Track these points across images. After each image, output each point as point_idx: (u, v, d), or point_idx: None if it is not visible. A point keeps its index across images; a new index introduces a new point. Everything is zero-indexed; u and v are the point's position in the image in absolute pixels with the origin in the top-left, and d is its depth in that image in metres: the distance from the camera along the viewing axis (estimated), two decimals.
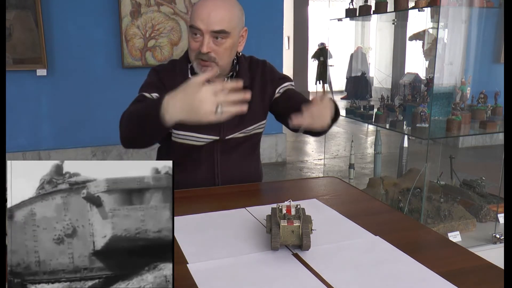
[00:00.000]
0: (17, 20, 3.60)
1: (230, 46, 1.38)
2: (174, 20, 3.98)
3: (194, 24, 1.34)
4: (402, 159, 3.07)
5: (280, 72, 1.61)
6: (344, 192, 1.40)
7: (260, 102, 1.52)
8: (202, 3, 1.35)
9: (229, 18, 1.35)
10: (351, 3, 3.01)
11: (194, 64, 1.40)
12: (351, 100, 3.25)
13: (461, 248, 1.01)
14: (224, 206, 1.24)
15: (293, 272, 0.88)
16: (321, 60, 9.88)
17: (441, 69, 2.79)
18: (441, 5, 2.26)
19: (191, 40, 1.38)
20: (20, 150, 3.90)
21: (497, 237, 2.36)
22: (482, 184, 2.88)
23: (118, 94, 3.91)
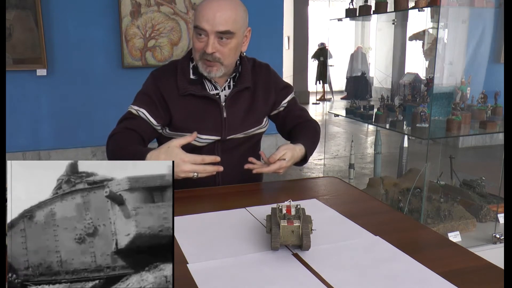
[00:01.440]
0: (17, 20, 3.60)
1: (235, 47, 1.39)
2: (174, 20, 3.98)
3: (199, 24, 1.34)
4: (402, 159, 3.07)
5: (282, 80, 1.64)
6: (344, 192, 1.40)
7: (263, 105, 1.54)
8: (207, 3, 1.35)
9: (234, 18, 1.35)
10: (351, 3, 3.01)
11: (199, 64, 1.40)
12: (351, 100, 3.25)
13: (461, 248, 1.01)
14: (224, 206, 1.24)
15: (293, 272, 0.88)
16: (321, 60, 9.88)
17: (441, 69, 2.79)
18: (441, 5, 2.26)
19: (196, 40, 1.38)
20: (20, 150, 3.90)
21: (497, 237, 2.36)
22: (482, 184, 2.88)
23: (118, 94, 3.91)
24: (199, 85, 1.45)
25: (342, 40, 8.43)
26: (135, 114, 1.44)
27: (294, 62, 10.38)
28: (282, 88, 1.59)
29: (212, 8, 1.33)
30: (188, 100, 1.45)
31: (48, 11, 3.73)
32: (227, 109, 1.47)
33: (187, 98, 1.44)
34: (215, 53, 1.35)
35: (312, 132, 1.57)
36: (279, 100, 1.58)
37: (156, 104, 1.44)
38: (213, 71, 1.40)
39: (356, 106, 3.13)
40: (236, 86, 1.48)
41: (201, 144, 1.47)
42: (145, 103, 1.44)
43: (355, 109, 3.12)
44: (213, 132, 1.46)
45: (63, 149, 4.02)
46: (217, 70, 1.40)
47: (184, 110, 1.45)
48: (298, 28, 10.18)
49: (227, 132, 1.47)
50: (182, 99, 1.44)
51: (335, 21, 3.18)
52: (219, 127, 1.46)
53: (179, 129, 1.47)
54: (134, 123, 1.43)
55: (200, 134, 1.44)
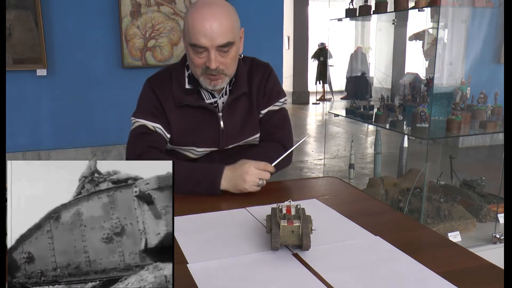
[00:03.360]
0: (17, 20, 3.60)
1: (235, 54, 1.34)
2: (174, 20, 3.98)
3: (196, 42, 1.27)
4: (402, 159, 3.07)
5: (277, 85, 1.51)
6: (344, 192, 1.40)
7: (258, 112, 1.48)
8: (199, 16, 1.26)
9: (231, 26, 1.28)
10: (351, 3, 3.01)
11: (201, 79, 1.35)
12: (351, 100, 3.25)
13: (461, 248, 1.01)
14: (224, 206, 1.23)
15: (293, 272, 0.88)
16: (321, 60, 9.89)
17: (441, 69, 2.80)
18: (441, 5, 2.26)
19: (194, 57, 1.31)
20: (20, 150, 3.90)
21: (497, 237, 2.36)
22: (482, 184, 2.88)
23: (118, 94, 3.91)
24: (195, 94, 1.40)
25: (342, 40, 8.44)
26: (151, 130, 1.38)
27: (294, 62, 10.38)
28: (269, 95, 1.48)
29: (207, 20, 1.25)
30: (185, 111, 1.39)
31: (48, 11, 3.73)
32: (225, 118, 1.42)
33: (183, 109, 1.39)
34: (218, 66, 1.30)
35: (267, 153, 1.41)
36: (261, 106, 1.48)
37: (164, 116, 1.39)
38: (219, 84, 1.34)
39: (356, 106, 3.14)
40: (233, 93, 1.41)
41: (196, 156, 1.44)
42: (156, 117, 1.39)
43: (355, 109, 3.12)
44: (210, 144, 1.43)
45: (63, 149, 4.02)
46: (222, 81, 1.35)
47: (181, 122, 1.40)
48: (298, 28, 10.18)
49: (224, 143, 1.43)
50: (179, 110, 1.39)
51: (335, 21, 3.19)
52: (216, 139, 1.42)
53: (175, 142, 1.42)
54: (154, 140, 1.38)
55: (197, 147, 1.41)
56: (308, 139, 5.95)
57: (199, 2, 1.30)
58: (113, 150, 4.15)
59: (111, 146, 4.12)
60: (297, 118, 8.27)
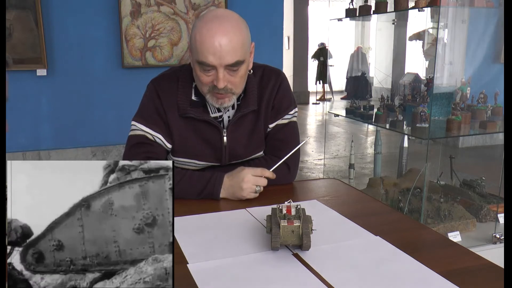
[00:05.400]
0: (17, 20, 3.60)
1: (245, 72, 1.28)
2: (174, 20, 3.97)
3: (204, 60, 1.19)
4: (402, 159, 3.07)
5: (289, 97, 1.44)
6: (345, 193, 1.40)
7: (264, 130, 1.42)
8: (207, 31, 1.18)
9: (241, 44, 1.21)
10: (351, 3, 3.01)
11: (208, 96, 1.28)
12: (351, 100, 3.26)
13: (461, 247, 1.01)
14: (224, 206, 1.24)
15: (293, 272, 0.88)
16: (321, 60, 9.89)
17: (441, 69, 2.80)
18: (441, 5, 2.26)
19: (201, 74, 1.24)
20: (20, 150, 3.90)
21: (497, 237, 2.36)
22: (482, 184, 2.88)
23: (118, 94, 3.91)
24: (201, 107, 1.34)
25: (342, 40, 8.43)
26: (151, 140, 1.34)
27: (294, 62, 10.39)
28: (278, 108, 1.41)
29: (216, 37, 1.16)
30: (188, 122, 1.35)
31: (48, 11, 3.72)
32: (229, 135, 1.37)
33: (187, 120, 1.34)
34: (226, 85, 1.24)
35: (267, 164, 1.37)
36: (270, 120, 1.42)
37: (167, 124, 1.35)
38: (226, 102, 1.28)
39: (356, 106, 3.14)
40: (240, 110, 1.35)
41: (197, 168, 1.41)
42: (157, 126, 1.34)
43: (355, 109, 3.12)
44: (212, 159, 1.39)
45: (63, 149, 4.02)
46: (229, 100, 1.28)
47: (183, 133, 1.36)
48: (298, 28, 10.19)
49: (227, 160, 1.40)
50: (182, 120, 1.35)
51: (335, 21, 3.19)
52: (219, 155, 1.38)
53: (175, 153, 1.39)
54: (153, 151, 1.34)
55: (198, 160, 1.38)
56: (308, 139, 5.95)
57: (208, 15, 1.22)
58: (113, 150, 4.14)
59: (111, 146, 4.12)
60: (297, 118, 8.25)
